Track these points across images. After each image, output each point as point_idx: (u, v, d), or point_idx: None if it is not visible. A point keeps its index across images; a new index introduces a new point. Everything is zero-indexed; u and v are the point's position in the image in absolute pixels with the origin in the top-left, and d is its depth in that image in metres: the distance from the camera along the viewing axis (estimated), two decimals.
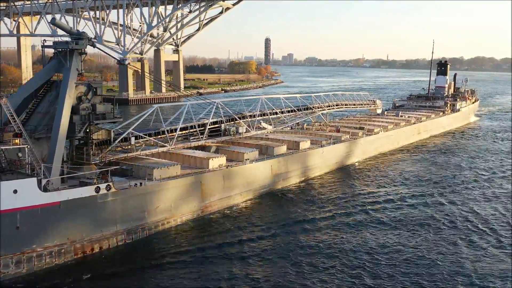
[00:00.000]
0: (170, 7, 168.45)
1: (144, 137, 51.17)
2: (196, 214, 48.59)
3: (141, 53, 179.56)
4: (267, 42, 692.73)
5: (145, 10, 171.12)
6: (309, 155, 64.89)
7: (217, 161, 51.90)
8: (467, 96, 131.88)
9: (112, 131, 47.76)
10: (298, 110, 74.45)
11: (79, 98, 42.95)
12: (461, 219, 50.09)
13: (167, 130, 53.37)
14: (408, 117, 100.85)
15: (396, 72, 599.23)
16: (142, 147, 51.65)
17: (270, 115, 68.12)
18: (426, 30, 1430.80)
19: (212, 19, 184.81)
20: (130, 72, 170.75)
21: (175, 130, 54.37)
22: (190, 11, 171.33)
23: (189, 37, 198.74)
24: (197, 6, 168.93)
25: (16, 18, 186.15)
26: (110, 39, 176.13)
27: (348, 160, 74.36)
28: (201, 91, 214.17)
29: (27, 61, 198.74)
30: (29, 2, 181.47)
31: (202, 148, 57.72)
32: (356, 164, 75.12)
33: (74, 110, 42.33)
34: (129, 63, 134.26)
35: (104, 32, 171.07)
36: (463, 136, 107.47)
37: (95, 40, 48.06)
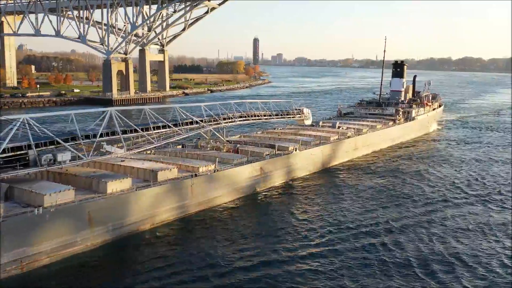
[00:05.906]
0: (154, 7, 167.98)
1: None
2: None
3: (125, 53, 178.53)
4: (256, 42, 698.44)
5: (129, 9, 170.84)
6: (170, 189, 44.46)
7: None
8: (426, 101, 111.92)
9: None
10: (175, 125, 53.43)
11: None
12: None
13: None
14: (347, 128, 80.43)
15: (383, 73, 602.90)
16: None
17: (123, 133, 46.83)
18: (416, 31, 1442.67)
19: (198, 19, 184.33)
20: (114, 72, 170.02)
21: None
22: (175, 11, 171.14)
23: (174, 37, 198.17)
24: (182, 6, 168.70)
25: None
26: (94, 39, 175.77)
27: (233, 194, 51.78)
28: (187, 91, 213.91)
29: (11, 61, 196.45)
30: (12, 1, 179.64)
31: None
32: (241, 201, 51.81)
33: None
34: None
35: (88, 32, 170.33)
36: (415, 149, 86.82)
37: None
